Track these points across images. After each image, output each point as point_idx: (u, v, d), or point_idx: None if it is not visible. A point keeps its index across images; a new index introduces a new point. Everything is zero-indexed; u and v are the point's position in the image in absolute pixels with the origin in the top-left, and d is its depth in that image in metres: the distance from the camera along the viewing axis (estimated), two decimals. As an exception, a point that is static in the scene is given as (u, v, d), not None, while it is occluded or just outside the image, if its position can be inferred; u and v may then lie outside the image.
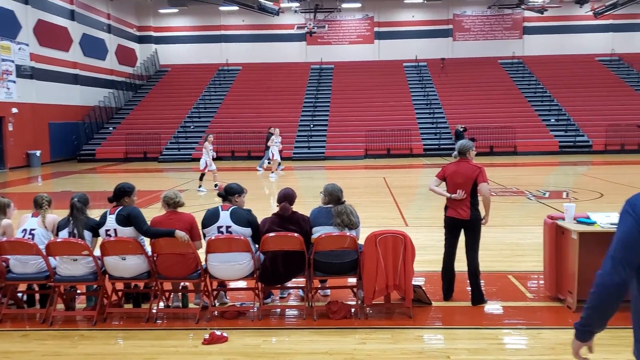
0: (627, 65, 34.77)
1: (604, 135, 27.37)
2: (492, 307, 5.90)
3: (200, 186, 15.70)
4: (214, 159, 16.29)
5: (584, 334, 2.53)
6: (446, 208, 6.10)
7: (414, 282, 5.80)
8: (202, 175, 15.99)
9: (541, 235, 6.29)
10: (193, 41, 38.29)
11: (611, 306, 2.49)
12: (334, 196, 5.82)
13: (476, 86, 33.15)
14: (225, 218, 5.60)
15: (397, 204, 12.82)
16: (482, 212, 6.02)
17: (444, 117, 30.42)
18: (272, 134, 21.38)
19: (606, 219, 5.71)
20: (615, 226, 5.65)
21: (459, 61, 36.08)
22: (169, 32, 38.48)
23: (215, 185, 15.63)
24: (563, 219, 5.90)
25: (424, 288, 6.01)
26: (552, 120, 29.60)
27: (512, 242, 8.85)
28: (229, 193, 5.81)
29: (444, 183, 6.13)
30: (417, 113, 31.02)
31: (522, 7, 34.22)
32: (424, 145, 28.26)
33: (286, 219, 5.66)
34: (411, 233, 6.78)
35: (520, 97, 32.05)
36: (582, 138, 28.06)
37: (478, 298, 5.94)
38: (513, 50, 36.72)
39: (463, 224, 5.99)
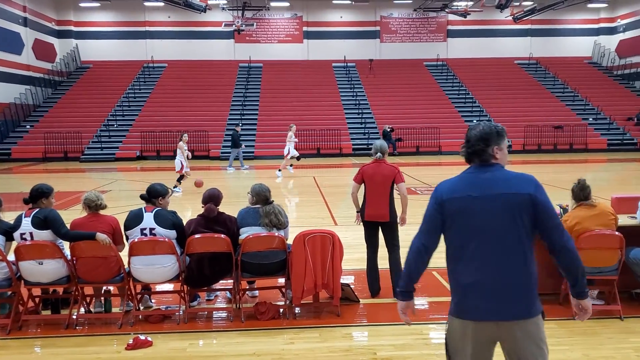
0: (544, 69, 36.58)
1: (522, 136, 28.66)
2: (417, 302, 6.03)
3: (175, 186, 15.24)
4: (189, 159, 15.87)
5: (403, 295, 3.08)
6: (363, 209, 6.22)
7: (342, 281, 5.86)
8: (181, 176, 15.53)
9: (463, 232, 6.48)
10: (116, 37, 37.02)
11: (416, 266, 3.05)
12: (261, 196, 5.77)
13: (403, 87, 33.91)
14: (148, 220, 5.45)
15: (327, 203, 12.90)
16: (399, 212, 6.18)
17: (372, 117, 30.93)
18: (238, 131, 21.31)
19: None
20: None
21: (386, 62, 36.78)
22: (90, 27, 37.02)
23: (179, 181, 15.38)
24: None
25: (352, 286, 6.08)
26: (474, 121, 30.69)
27: (437, 239, 9.07)
28: (153, 195, 5.64)
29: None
30: (346, 113, 31.37)
31: (446, 10, 35.32)
32: (353, 144, 28.63)
33: (212, 220, 5.57)
34: (340, 232, 6.85)
35: (445, 99, 33.06)
36: (502, 138, 29.24)
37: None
38: (438, 53, 37.81)
39: (382, 224, 6.19)
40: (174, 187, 15.22)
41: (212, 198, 5.66)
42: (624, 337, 4.96)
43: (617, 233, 5.33)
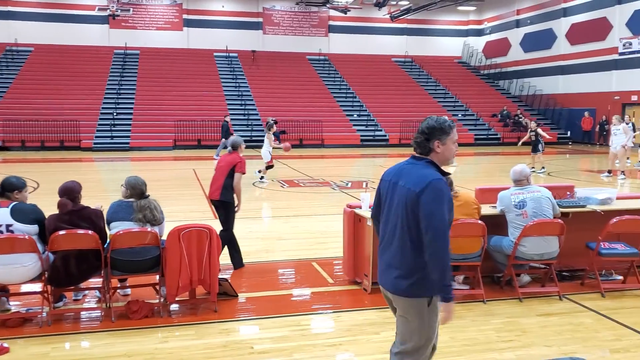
0: (418, 67, 38.38)
1: (398, 130, 29.88)
2: (296, 294, 6.08)
3: (262, 177, 15.19)
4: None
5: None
6: None
7: (220, 276, 5.75)
8: (270, 166, 15.27)
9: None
10: (-26, 16, 33.68)
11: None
12: (137, 190, 5.48)
13: (286, 80, 34.03)
14: (4, 216, 4.97)
15: (207, 197, 12.61)
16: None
17: (255, 109, 30.75)
18: (227, 122, 20.93)
19: (397, 206, 6.19)
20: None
21: (270, 54, 36.72)
22: (-58, 3, 33.39)
23: (262, 177, 15.16)
24: (360, 207, 6.27)
25: (230, 281, 5.97)
26: (355, 115, 31.56)
27: (317, 231, 9.22)
28: (7, 189, 5.15)
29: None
30: (228, 104, 30.92)
31: (327, 5, 35.87)
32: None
33: (76, 215, 5.19)
34: (220, 226, 6.71)
35: (327, 93, 33.64)
36: (380, 132, 30.35)
37: (237, 262, 6.84)
38: (320, 47, 38.35)
39: (217, 203, 6.96)
40: (261, 179, 15.08)
41: (66, 191, 5.26)
42: (486, 319, 5.31)
43: (480, 222, 5.68)
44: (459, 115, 32.57)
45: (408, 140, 29.82)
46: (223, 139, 22.07)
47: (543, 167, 17.50)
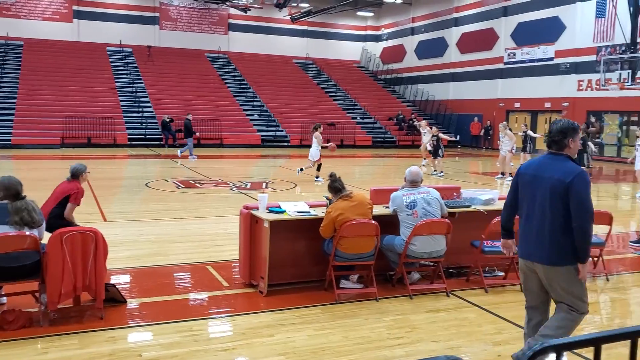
0: (319, 69, 38.87)
1: (299, 131, 30.09)
2: (190, 298, 5.91)
3: (317, 177, 15.74)
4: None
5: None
6: None
7: (109, 281, 5.46)
8: (319, 165, 15.79)
9: (239, 225, 6.51)
10: None
11: (505, 216, 4.39)
12: (11, 190, 5.10)
13: (184, 77, 33.20)
14: None
15: (96, 198, 12.02)
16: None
17: (150, 107, 29.74)
18: (190, 120, 21.44)
19: (294, 207, 6.18)
20: (302, 214, 6.19)
21: (167, 50, 35.69)
22: None
23: (317, 177, 15.73)
24: (257, 208, 6.20)
25: (117, 286, 5.69)
26: (255, 115, 31.40)
27: (213, 233, 9.03)
28: None
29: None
30: (121, 101, 29.69)
31: (227, 3, 35.44)
32: (129, 134, 27.23)
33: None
34: (111, 228, 6.42)
35: (227, 91, 33.21)
36: (281, 133, 30.41)
37: None
38: (219, 45, 37.80)
39: None
40: (316, 178, 15.68)
41: None
42: (378, 317, 5.42)
43: (373, 222, 5.81)
44: (358, 118, 33.36)
45: (309, 141, 30.03)
46: (188, 139, 21.70)
47: (442, 171, 17.88)
